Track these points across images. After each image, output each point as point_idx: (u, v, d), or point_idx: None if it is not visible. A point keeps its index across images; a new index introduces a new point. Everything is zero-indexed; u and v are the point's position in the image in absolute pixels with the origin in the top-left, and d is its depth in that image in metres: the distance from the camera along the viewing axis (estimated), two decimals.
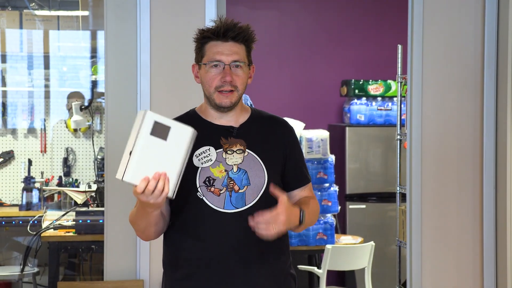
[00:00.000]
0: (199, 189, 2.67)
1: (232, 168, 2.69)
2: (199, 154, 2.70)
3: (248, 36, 2.74)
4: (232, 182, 2.68)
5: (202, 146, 2.70)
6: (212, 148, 2.70)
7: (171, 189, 2.45)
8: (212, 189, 2.67)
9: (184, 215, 2.71)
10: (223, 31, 2.70)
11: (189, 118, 2.78)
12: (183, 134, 2.49)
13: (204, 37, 2.74)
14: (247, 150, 2.71)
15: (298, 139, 2.94)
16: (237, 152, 2.71)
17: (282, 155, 2.77)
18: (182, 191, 2.59)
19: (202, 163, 2.69)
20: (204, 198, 2.67)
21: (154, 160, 2.45)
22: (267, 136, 2.77)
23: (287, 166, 2.78)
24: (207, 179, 2.68)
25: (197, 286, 2.70)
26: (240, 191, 2.68)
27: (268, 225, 2.53)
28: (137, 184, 2.45)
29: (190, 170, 2.65)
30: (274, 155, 2.75)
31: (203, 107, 2.79)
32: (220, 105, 2.71)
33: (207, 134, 2.71)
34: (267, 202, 2.67)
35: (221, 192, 2.67)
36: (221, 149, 2.70)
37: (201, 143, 2.69)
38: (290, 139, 2.82)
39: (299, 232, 2.76)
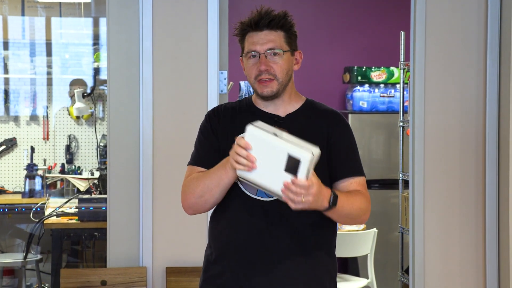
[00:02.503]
0: None
1: None
2: None
3: (283, 22, 2.72)
4: None
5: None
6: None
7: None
8: None
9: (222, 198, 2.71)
10: (256, 21, 2.69)
11: (243, 103, 2.81)
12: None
13: (241, 30, 2.74)
14: None
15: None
16: None
17: (326, 146, 2.70)
18: None
19: None
20: (238, 182, 2.66)
21: None
22: (313, 127, 2.73)
23: (332, 155, 2.71)
24: None
25: (223, 270, 2.70)
26: None
27: (297, 193, 2.44)
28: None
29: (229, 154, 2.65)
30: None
31: (254, 96, 2.80)
32: (262, 94, 2.71)
33: (253, 120, 2.68)
34: None
35: None
36: None
37: (245, 128, 2.68)
38: (337, 129, 2.75)
39: (335, 219, 2.66)
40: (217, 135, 2.75)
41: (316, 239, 2.73)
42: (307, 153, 2.42)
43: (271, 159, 2.46)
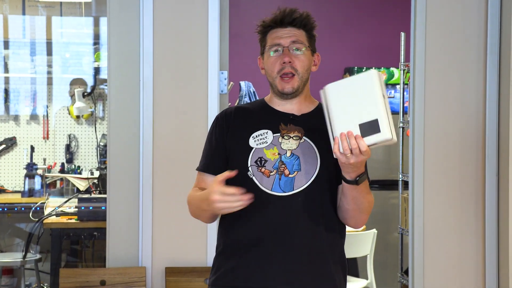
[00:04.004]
0: (250, 168, 2.68)
1: (286, 153, 2.69)
2: (256, 136, 2.71)
3: (306, 22, 2.76)
4: (283, 166, 2.67)
5: (261, 129, 2.72)
6: (269, 132, 2.71)
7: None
8: (263, 169, 2.68)
9: None
10: (281, 18, 2.73)
11: (256, 104, 2.84)
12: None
13: (264, 27, 2.77)
14: (304, 137, 2.71)
15: None
16: (294, 138, 2.71)
17: None
18: (233, 169, 2.63)
19: (257, 144, 2.70)
20: (253, 178, 2.67)
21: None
22: (326, 130, 2.72)
23: None
24: (259, 159, 2.68)
25: (238, 266, 2.70)
26: (290, 175, 2.67)
27: (352, 149, 2.46)
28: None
29: (244, 149, 2.69)
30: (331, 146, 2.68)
31: (270, 96, 2.81)
32: (283, 91, 2.72)
33: (267, 118, 2.73)
34: (316, 190, 2.67)
35: (271, 174, 2.67)
36: (279, 134, 2.71)
37: (261, 126, 2.72)
38: None
39: (349, 201, 2.66)
40: (227, 138, 2.76)
41: (330, 235, 2.74)
42: (389, 134, 2.44)
43: (357, 108, 2.47)
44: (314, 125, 2.70)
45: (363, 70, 7.01)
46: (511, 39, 4.29)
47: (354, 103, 2.49)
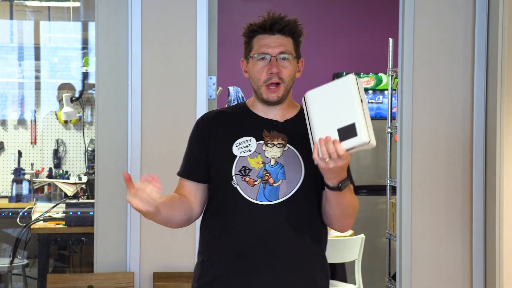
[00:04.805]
0: (234, 177, 2.65)
1: (270, 161, 2.67)
2: (239, 143, 2.69)
3: (295, 29, 2.72)
4: (267, 174, 2.66)
5: (244, 136, 2.70)
6: (253, 139, 2.68)
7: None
8: (247, 179, 2.66)
9: (217, 202, 2.70)
10: (270, 24, 2.69)
11: (238, 108, 2.79)
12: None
13: (251, 31, 2.73)
14: (287, 145, 2.69)
15: None
16: (278, 146, 2.69)
17: None
18: (217, 177, 2.63)
19: (240, 153, 2.68)
20: (237, 187, 2.65)
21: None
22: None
23: None
24: (243, 168, 2.66)
25: (222, 275, 2.68)
26: (274, 184, 2.65)
27: (329, 153, 2.44)
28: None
29: (228, 157, 2.66)
30: None
31: (252, 100, 2.78)
32: (267, 99, 2.70)
33: (250, 125, 2.70)
34: (301, 198, 2.65)
35: (255, 183, 2.66)
36: (262, 141, 2.68)
37: (244, 133, 2.69)
38: None
39: (333, 206, 2.63)
40: (209, 145, 2.73)
41: (314, 243, 2.73)
42: (366, 137, 2.43)
43: (335, 113, 2.48)
44: (298, 132, 2.68)
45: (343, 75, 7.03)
46: (498, 45, 4.31)
47: (333, 109, 2.49)
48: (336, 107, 2.49)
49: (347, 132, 2.45)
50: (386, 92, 6.76)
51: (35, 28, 7.09)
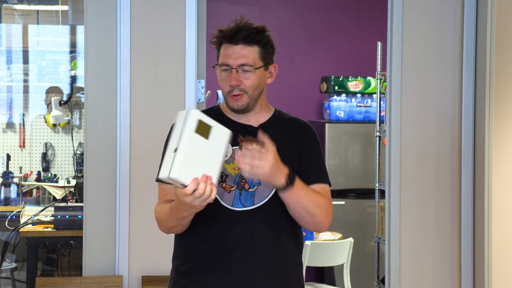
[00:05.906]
0: None
1: None
2: None
3: (259, 38, 2.68)
4: (243, 180, 2.65)
5: None
6: (229, 145, 2.63)
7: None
8: (224, 185, 2.65)
9: None
10: (232, 34, 2.65)
11: (213, 113, 2.73)
12: (223, 135, 2.46)
13: (218, 39, 2.70)
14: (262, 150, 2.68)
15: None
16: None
17: (298, 157, 2.71)
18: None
19: None
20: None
21: (197, 159, 2.39)
22: (285, 138, 2.72)
23: (301, 164, 2.70)
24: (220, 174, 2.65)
25: (198, 281, 2.67)
26: (250, 190, 2.65)
27: (253, 161, 2.43)
28: (184, 182, 2.35)
29: None
30: (290, 157, 2.66)
31: (225, 105, 2.77)
32: (233, 108, 2.69)
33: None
34: (277, 204, 2.64)
35: (231, 189, 2.65)
36: (237, 147, 2.65)
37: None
38: (307, 139, 2.76)
39: (291, 207, 2.61)
40: None
41: (291, 249, 2.73)
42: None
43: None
44: (272, 136, 2.61)
45: (340, 79, 7.04)
46: (487, 48, 4.33)
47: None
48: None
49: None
50: (374, 95, 6.77)
51: (23, 31, 7.07)
